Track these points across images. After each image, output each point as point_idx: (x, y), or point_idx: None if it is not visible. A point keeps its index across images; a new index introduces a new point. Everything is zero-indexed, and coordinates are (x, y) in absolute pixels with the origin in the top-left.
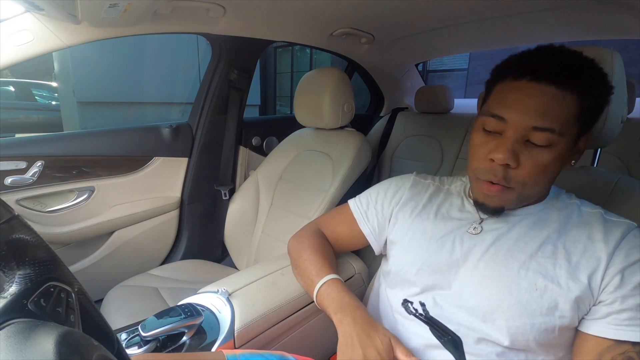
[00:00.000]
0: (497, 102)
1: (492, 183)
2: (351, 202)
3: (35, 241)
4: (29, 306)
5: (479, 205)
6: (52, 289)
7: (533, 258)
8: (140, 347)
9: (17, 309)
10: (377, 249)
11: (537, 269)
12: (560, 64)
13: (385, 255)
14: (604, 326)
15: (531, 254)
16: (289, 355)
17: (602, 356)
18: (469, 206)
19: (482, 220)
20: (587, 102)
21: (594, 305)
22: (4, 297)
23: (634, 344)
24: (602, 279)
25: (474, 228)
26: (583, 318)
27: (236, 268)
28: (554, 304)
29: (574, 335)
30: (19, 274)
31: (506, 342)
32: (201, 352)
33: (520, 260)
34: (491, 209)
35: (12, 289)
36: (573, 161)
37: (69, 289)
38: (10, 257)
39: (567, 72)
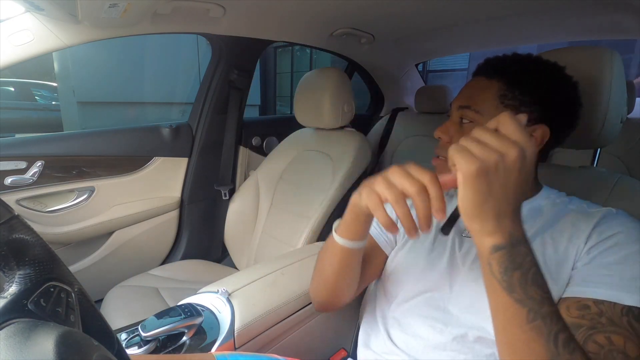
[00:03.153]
0: None
1: (438, 158)
2: None
3: (35, 241)
4: (29, 306)
5: None
6: (52, 289)
7: None
8: (140, 347)
9: (17, 309)
10: (387, 250)
11: None
12: (497, 61)
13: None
14: (565, 290)
15: None
16: (280, 357)
17: (559, 306)
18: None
19: None
20: (512, 87)
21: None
22: (4, 297)
23: (592, 299)
24: (577, 258)
25: (469, 231)
26: None
27: (236, 268)
28: None
29: None
30: (19, 274)
31: None
32: (189, 355)
33: None
34: None
35: (12, 289)
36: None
37: (69, 289)
38: (10, 257)
39: (493, 65)
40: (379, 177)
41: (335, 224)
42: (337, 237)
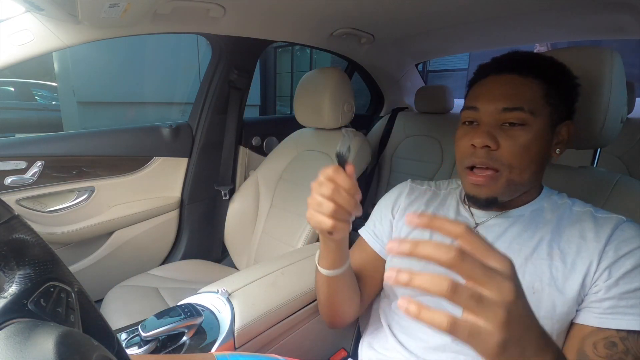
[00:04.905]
0: (471, 97)
1: (478, 169)
2: (361, 230)
3: (35, 241)
4: (29, 306)
5: (471, 199)
6: (52, 289)
7: (529, 260)
8: (140, 347)
9: (17, 309)
10: (384, 255)
11: (533, 272)
12: (518, 57)
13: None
14: (588, 314)
15: (526, 256)
16: (281, 357)
17: (584, 341)
18: (464, 211)
19: (477, 225)
20: (551, 86)
21: (584, 296)
22: (4, 297)
23: (618, 331)
24: (594, 276)
25: None
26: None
27: (236, 268)
28: (552, 306)
29: None
30: (19, 274)
31: None
32: (189, 355)
33: (516, 264)
34: (483, 200)
35: (12, 289)
36: (557, 150)
37: (69, 289)
38: (10, 257)
39: (525, 62)
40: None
41: (317, 255)
42: (319, 268)
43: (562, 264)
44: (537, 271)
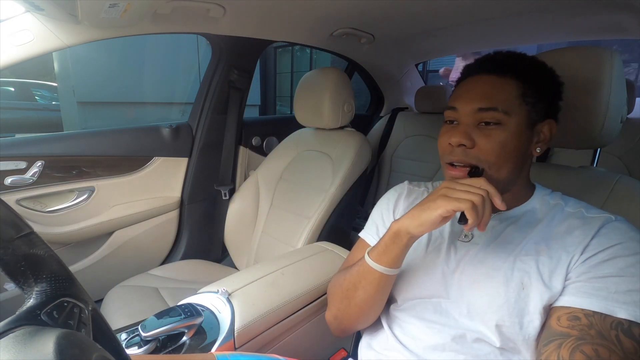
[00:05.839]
0: (452, 98)
1: (455, 166)
2: (362, 233)
3: (52, 257)
4: (42, 316)
5: None
6: (65, 304)
7: (517, 257)
8: (140, 347)
9: (29, 318)
10: None
11: (522, 268)
12: (498, 58)
13: None
14: (557, 299)
15: (516, 254)
16: (281, 357)
17: (550, 317)
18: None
19: None
20: (529, 86)
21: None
22: (20, 310)
23: (582, 309)
24: (573, 266)
25: (465, 236)
26: None
27: (236, 268)
28: (540, 301)
29: None
30: (36, 290)
31: (498, 344)
32: (189, 355)
33: (506, 262)
34: None
35: (30, 303)
36: (538, 148)
37: (83, 306)
38: (28, 273)
39: (503, 63)
40: (448, 189)
41: (368, 254)
42: (374, 265)
43: (549, 259)
44: (525, 267)
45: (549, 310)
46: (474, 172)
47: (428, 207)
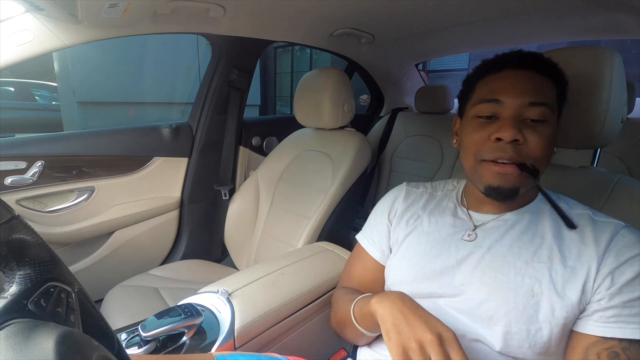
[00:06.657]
0: (487, 91)
1: (504, 164)
2: (358, 236)
3: (35, 241)
4: (29, 306)
5: (493, 190)
6: (52, 289)
7: (529, 264)
8: (140, 347)
9: (17, 309)
10: (385, 262)
11: (533, 275)
12: (533, 55)
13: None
14: (591, 324)
15: (527, 260)
16: (280, 356)
17: (588, 351)
18: (462, 213)
19: (475, 227)
20: (559, 88)
21: (587, 304)
22: (4, 297)
23: (620, 340)
24: (594, 281)
25: (468, 235)
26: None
27: (236, 268)
28: (551, 310)
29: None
30: (19, 274)
31: (497, 347)
32: (189, 355)
33: (516, 267)
34: (507, 191)
35: (13, 289)
36: (555, 147)
37: (69, 289)
38: (10, 257)
39: (540, 61)
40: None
41: (354, 309)
42: (356, 324)
43: (562, 267)
44: (536, 274)
45: (573, 324)
46: (529, 170)
47: (401, 332)
